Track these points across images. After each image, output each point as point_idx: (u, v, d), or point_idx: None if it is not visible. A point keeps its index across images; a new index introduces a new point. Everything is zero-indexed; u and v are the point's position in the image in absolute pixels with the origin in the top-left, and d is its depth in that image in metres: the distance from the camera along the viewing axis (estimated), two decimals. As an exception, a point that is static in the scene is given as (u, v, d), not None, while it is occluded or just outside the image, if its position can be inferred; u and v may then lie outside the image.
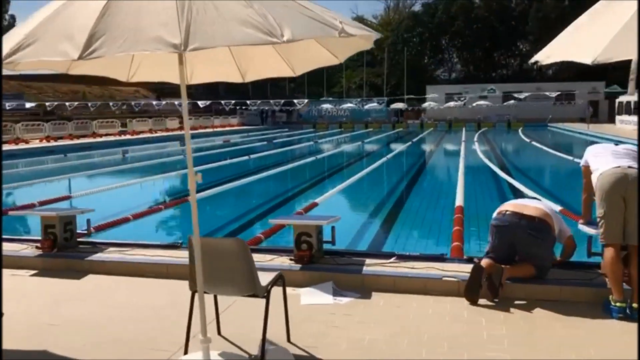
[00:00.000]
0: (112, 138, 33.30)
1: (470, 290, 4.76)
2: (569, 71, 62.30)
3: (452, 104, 55.54)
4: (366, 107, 57.65)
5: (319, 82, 64.46)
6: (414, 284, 5.12)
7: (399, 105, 56.45)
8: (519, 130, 42.50)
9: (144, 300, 5.12)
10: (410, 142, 31.54)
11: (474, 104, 54.69)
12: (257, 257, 4.95)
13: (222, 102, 43.02)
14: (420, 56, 66.99)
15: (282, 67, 4.21)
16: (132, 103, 40.72)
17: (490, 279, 4.78)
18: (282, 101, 49.99)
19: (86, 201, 12.21)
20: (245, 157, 22.44)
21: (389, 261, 5.63)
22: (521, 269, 4.91)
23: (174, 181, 16.48)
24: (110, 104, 39.22)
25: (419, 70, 64.27)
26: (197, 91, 62.34)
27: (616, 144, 5.06)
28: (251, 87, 61.73)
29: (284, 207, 12.30)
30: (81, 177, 17.47)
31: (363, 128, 51.90)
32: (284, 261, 5.70)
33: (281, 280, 3.98)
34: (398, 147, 28.26)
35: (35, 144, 28.59)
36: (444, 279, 5.07)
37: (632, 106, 38.98)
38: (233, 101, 42.80)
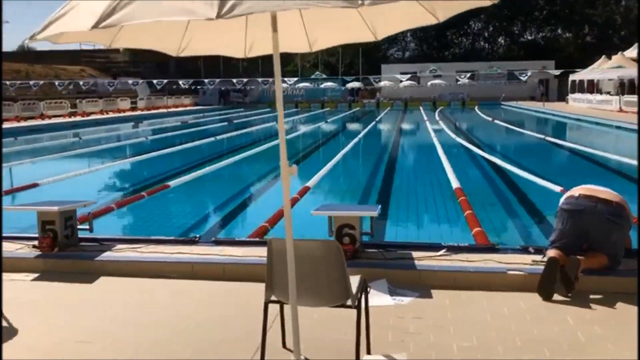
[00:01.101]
0: (62, 120, 31.55)
1: (545, 285, 4.39)
2: (519, 50, 63.48)
3: (407, 83, 55.56)
4: (322, 86, 57.01)
5: (271, 61, 63.13)
6: (476, 279, 4.72)
7: (355, 84, 56.10)
8: (476, 109, 42.96)
9: (180, 306, 4.51)
10: (374, 122, 31.24)
11: (429, 83, 54.99)
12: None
13: (180, 81, 41.33)
14: (374, 35, 66.72)
15: (361, 32, 3.65)
16: (80, 82, 38.61)
17: (564, 272, 4.42)
18: (245, 80, 48.72)
19: (56, 189, 11.26)
20: (211, 139, 21.56)
21: (438, 254, 5.20)
22: (595, 259, 4.57)
23: (146, 166, 15.58)
24: (56, 82, 37.08)
25: (372, 49, 63.92)
26: (146, 69, 60.29)
27: None
28: (203, 66, 59.97)
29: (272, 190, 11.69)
30: (40, 162, 16.26)
31: (319, 107, 51.43)
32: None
33: (364, 284, 3.49)
34: (363, 127, 27.89)
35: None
36: (509, 272, 4.68)
37: (585, 85, 39.93)
38: (191, 80, 41.22)
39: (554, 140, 20.02)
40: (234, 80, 48.10)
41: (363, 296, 3.42)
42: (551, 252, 4.56)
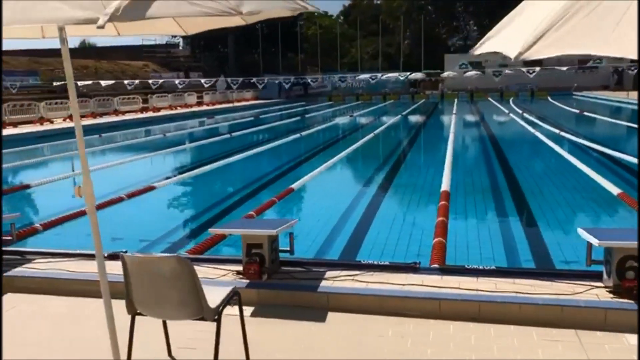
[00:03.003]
0: (139, 115, 31.67)
1: None
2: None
3: (472, 73, 53.82)
4: (384, 77, 55.88)
5: (328, 54, 62.47)
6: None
7: (417, 75, 54.71)
8: (549, 99, 41.05)
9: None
10: (452, 114, 30.01)
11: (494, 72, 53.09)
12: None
13: (239, 78, 41.00)
14: (434, 24, 64.97)
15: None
16: (150, 82, 38.60)
17: None
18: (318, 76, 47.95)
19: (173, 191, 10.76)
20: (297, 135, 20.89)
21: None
22: None
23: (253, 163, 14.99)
24: (126, 82, 37.24)
25: (433, 39, 62.36)
26: (207, 64, 60.50)
27: None
28: (262, 61, 59.77)
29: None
30: (142, 160, 15.92)
31: (381, 100, 50.36)
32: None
33: (236, 297, 3.50)
34: (441, 119, 26.79)
35: (59, 123, 26.82)
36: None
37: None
38: (254, 79, 40.79)
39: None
40: (292, 77, 47.49)
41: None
42: None
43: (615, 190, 9.30)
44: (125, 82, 37.03)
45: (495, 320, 4.16)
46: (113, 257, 5.33)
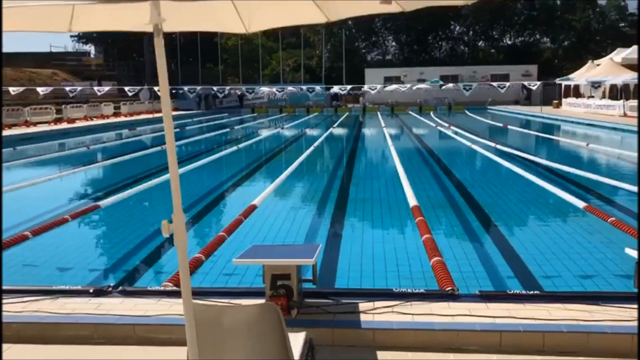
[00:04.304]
0: (54, 127, 29.39)
1: None
2: (498, 54, 63.77)
3: (392, 87, 54.97)
4: (306, 90, 55.88)
5: (248, 65, 61.73)
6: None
7: (338, 88, 55.17)
8: (467, 112, 42.59)
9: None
10: (375, 128, 30.21)
11: (414, 88, 54.53)
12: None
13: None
14: (354, 39, 65.93)
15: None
16: (67, 89, 36.19)
17: None
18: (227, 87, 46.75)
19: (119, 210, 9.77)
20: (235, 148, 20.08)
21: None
22: None
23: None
24: (40, 89, 34.69)
25: (353, 53, 63.19)
26: (121, 73, 57.93)
27: None
28: (180, 71, 58.01)
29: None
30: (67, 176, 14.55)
31: (304, 112, 50.34)
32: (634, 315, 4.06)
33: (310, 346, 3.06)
34: (373, 132, 26.85)
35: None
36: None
37: (581, 90, 40.10)
38: (186, 87, 39.25)
39: (602, 148, 19.29)
40: (215, 88, 46.26)
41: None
42: None
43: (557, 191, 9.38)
44: (40, 89, 34.65)
45: (564, 352, 3.79)
46: (100, 292, 4.53)
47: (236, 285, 5.47)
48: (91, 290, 4.62)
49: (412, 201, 9.61)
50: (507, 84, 47.89)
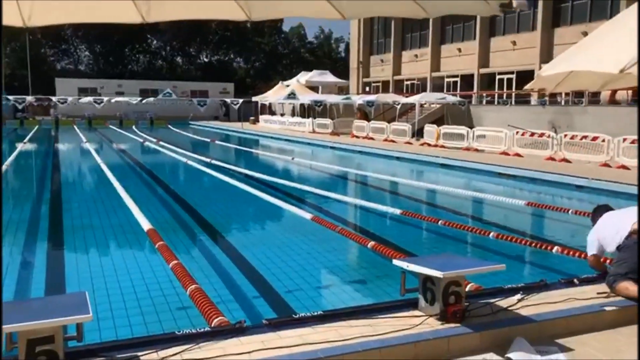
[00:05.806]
0: None
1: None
2: (196, 70, 65.18)
3: (88, 99, 51.41)
4: None
5: None
6: (583, 322, 4.68)
7: (28, 98, 49.27)
8: (171, 127, 42.42)
9: None
10: (75, 143, 27.87)
11: (113, 100, 51.99)
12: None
13: None
14: (40, 45, 59.66)
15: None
16: None
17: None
18: None
19: None
20: None
21: (515, 298, 4.95)
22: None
23: None
24: None
25: (40, 61, 57.21)
26: None
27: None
28: None
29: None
30: None
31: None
32: (414, 322, 4.39)
33: None
34: (74, 149, 24.63)
35: None
36: (607, 309, 4.79)
37: (275, 108, 43.44)
38: None
39: (303, 161, 21.11)
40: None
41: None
42: (631, 284, 4.85)
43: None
44: None
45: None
46: None
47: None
48: None
49: (146, 224, 8.92)
50: (208, 100, 49.42)
